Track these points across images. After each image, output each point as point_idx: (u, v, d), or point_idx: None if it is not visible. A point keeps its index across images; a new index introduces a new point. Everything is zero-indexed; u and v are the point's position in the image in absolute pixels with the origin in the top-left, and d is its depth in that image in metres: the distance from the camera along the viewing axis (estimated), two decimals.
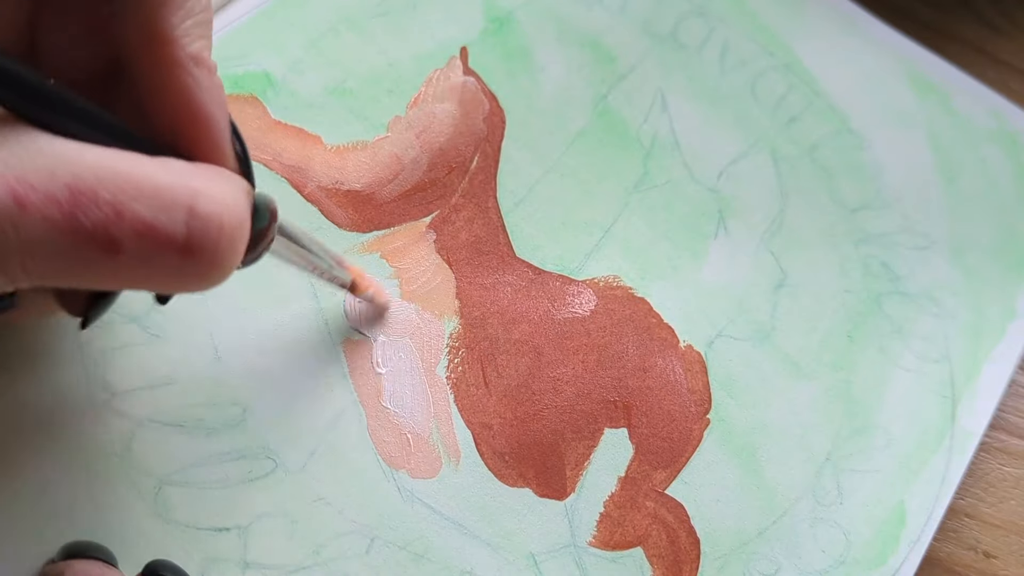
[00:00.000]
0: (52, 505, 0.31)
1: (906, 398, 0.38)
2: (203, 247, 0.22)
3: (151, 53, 0.24)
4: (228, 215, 0.22)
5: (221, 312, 0.34)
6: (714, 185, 0.40)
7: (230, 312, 0.34)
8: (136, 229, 0.21)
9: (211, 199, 0.22)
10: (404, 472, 0.34)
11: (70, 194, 0.20)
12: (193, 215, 0.21)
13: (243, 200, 0.24)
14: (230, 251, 0.23)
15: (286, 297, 0.35)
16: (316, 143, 0.37)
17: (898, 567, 0.35)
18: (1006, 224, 0.42)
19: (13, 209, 0.19)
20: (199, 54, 0.25)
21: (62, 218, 0.20)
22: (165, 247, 0.21)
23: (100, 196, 0.20)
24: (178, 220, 0.21)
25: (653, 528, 0.35)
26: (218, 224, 0.22)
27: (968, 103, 0.44)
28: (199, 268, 0.22)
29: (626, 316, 0.38)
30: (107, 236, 0.20)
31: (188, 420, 0.33)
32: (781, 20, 0.44)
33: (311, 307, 0.35)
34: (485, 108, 0.39)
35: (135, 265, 0.21)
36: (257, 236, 0.25)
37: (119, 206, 0.20)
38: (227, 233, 0.22)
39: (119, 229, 0.20)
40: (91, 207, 0.20)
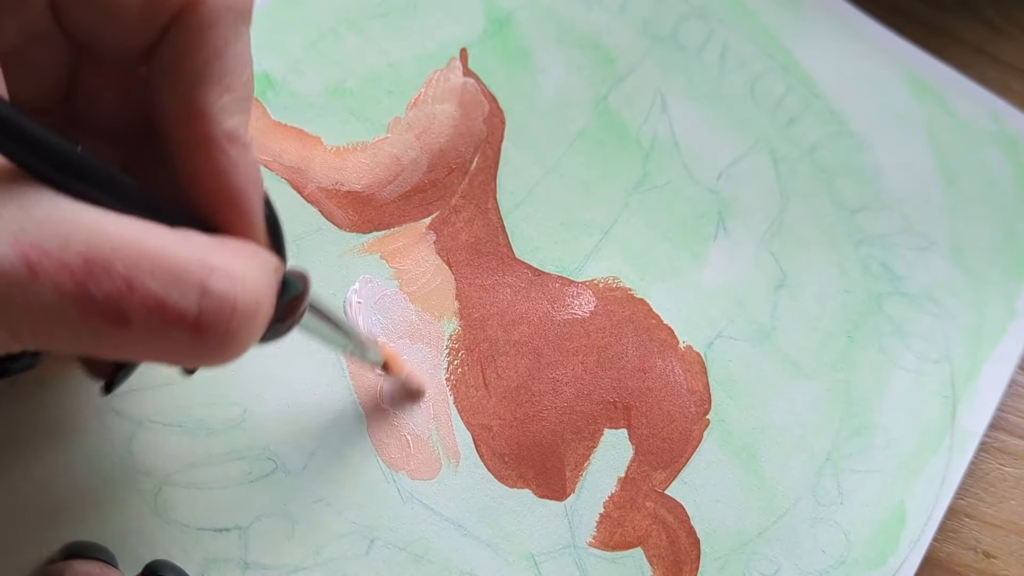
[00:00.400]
0: (52, 505, 0.31)
1: (906, 398, 0.38)
2: (214, 327, 0.21)
3: (186, 127, 0.24)
4: (244, 295, 0.22)
5: None
6: (714, 186, 0.40)
7: None
8: (146, 304, 0.20)
9: (227, 277, 0.21)
10: (404, 473, 0.34)
11: (83, 264, 0.19)
12: (205, 294, 0.21)
13: (264, 278, 0.23)
14: (242, 332, 0.22)
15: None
16: (316, 144, 0.37)
17: (898, 567, 0.35)
18: (1006, 225, 0.42)
19: (24, 275, 0.19)
20: (234, 131, 0.24)
21: (73, 288, 0.19)
22: (175, 324, 0.21)
23: (114, 268, 0.20)
24: (190, 298, 0.21)
25: (653, 528, 0.35)
26: (231, 305, 0.21)
27: (967, 105, 0.44)
28: (210, 347, 0.21)
29: (626, 317, 0.38)
30: (117, 309, 0.20)
31: (188, 420, 0.33)
32: (780, 22, 0.44)
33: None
34: (485, 109, 0.39)
35: (144, 339, 0.21)
36: (284, 311, 0.25)
37: (131, 280, 0.20)
38: (240, 314, 0.21)
39: (129, 303, 0.20)
40: (103, 279, 0.20)
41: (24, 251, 0.19)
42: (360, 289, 0.36)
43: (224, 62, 0.24)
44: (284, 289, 0.24)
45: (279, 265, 0.24)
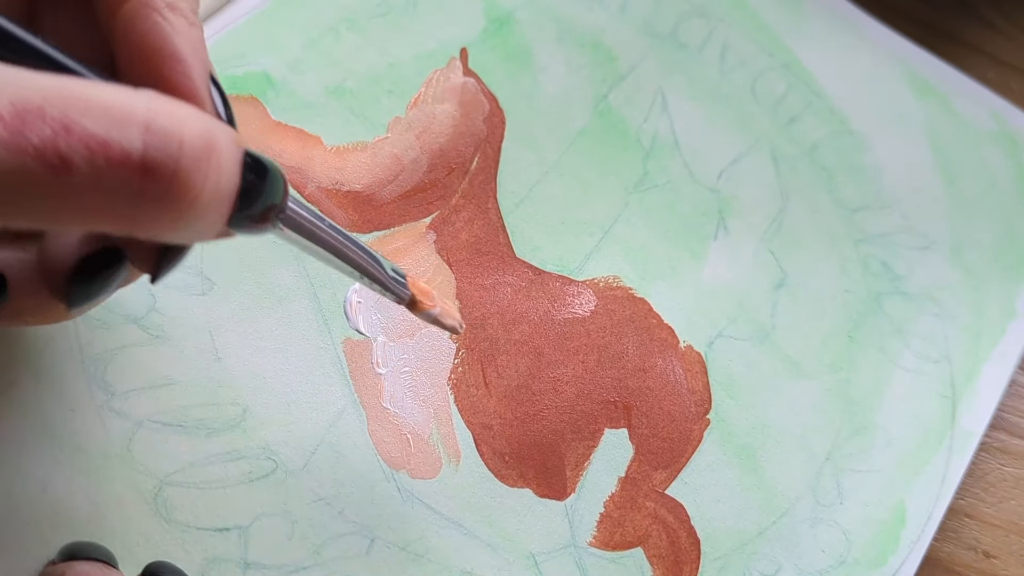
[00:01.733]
0: (52, 506, 0.31)
1: (906, 398, 0.38)
2: (162, 165, 0.20)
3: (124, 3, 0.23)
4: (190, 132, 0.20)
5: (221, 313, 0.34)
6: (714, 185, 0.40)
7: (230, 312, 0.34)
8: (87, 144, 0.19)
9: (171, 116, 0.20)
10: (404, 472, 0.34)
11: (14, 110, 0.19)
12: (149, 130, 0.20)
13: (215, 127, 0.21)
14: (195, 174, 0.20)
15: (286, 297, 0.35)
16: (316, 144, 0.37)
17: (898, 567, 0.36)
18: (1006, 224, 0.42)
19: None
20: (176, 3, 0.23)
21: (6, 135, 0.18)
22: (119, 165, 0.19)
23: (47, 112, 0.19)
24: (132, 135, 0.20)
25: (653, 528, 0.35)
26: (177, 140, 0.20)
27: (968, 104, 0.44)
28: (161, 192, 0.20)
29: (626, 316, 0.38)
30: (56, 153, 0.19)
31: (188, 420, 0.33)
32: (781, 21, 0.44)
33: (311, 307, 0.35)
34: (485, 109, 0.39)
35: (91, 188, 0.19)
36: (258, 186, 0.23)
37: (67, 121, 0.19)
38: (189, 151, 0.20)
39: (68, 145, 0.19)
40: (37, 123, 0.19)
41: None
42: (361, 289, 0.36)
43: None
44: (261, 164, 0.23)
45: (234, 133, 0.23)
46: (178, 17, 0.23)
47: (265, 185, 0.23)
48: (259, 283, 0.35)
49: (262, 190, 0.23)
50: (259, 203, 0.23)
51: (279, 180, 0.24)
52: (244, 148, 0.23)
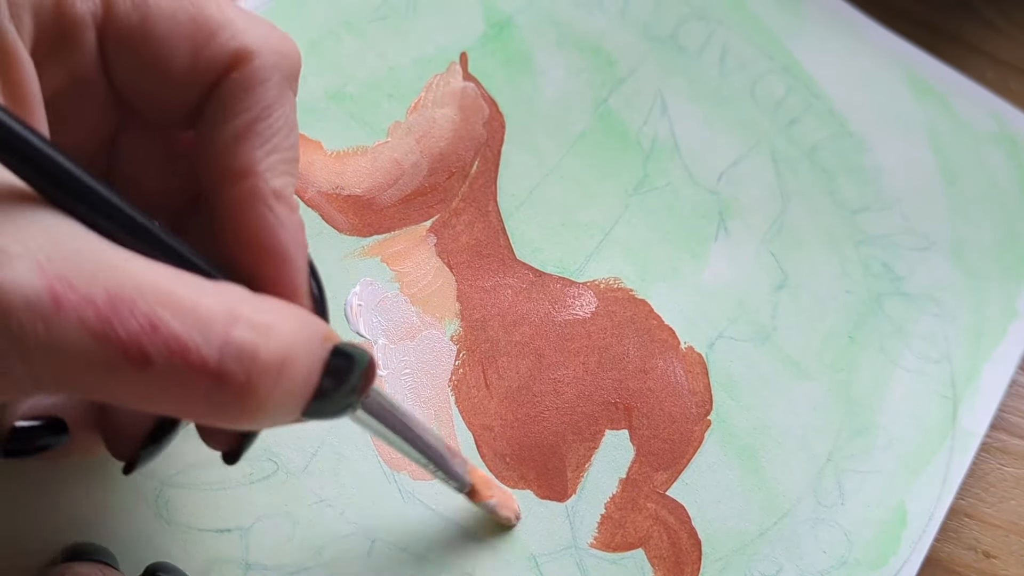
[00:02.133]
0: (53, 507, 0.31)
1: (907, 398, 0.38)
2: (233, 377, 0.20)
3: (232, 184, 0.24)
4: (268, 347, 0.21)
5: None
6: (714, 187, 0.41)
7: None
8: (168, 346, 0.19)
9: (252, 327, 0.20)
10: (405, 474, 0.34)
11: (108, 300, 0.19)
12: (227, 341, 0.20)
13: (299, 335, 0.22)
14: (266, 386, 0.21)
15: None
16: (316, 148, 0.38)
17: (899, 568, 0.35)
18: (1006, 225, 0.42)
19: (48, 306, 0.19)
20: (282, 191, 0.24)
21: (97, 323, 0.19)
22: (195, 369, 0.20)
23: (138, 306, 0.19)
24: (213, 344, 0.20)
25: (654, 529, 0.35)
26: (252, 354, 0.20)
27: (968, 105, 0.44)
28: (230, 400, 0.20)
29: (627, 318, 0.38)
30: (139, 348, 0.19)
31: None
32: (781, 23, 0.44)
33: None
34: (485, 113, 0.40)
35: (163, 385, 0.20)
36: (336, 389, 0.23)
37: (155, 319, 0.19)
38: (262, 365, 0.20)
39: (152, 343, 0.19)
40: (127, 316, 0.19)
41: (49, 281, 0.19)
42: (361, 292, 0.36)
43: (272, 121, 0.24)
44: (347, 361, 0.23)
45: (328, 331, 0.23)
46: (283, 207, 0.24)
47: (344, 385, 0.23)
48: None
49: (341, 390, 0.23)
50: (335, 402, 0.23)
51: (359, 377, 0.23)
52: (332, 346, 0.23)
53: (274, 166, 0.24)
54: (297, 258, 0.24)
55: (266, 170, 0.24)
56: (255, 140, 0.24)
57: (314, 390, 0.22)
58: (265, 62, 0.24)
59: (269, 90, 0.24)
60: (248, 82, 0.24)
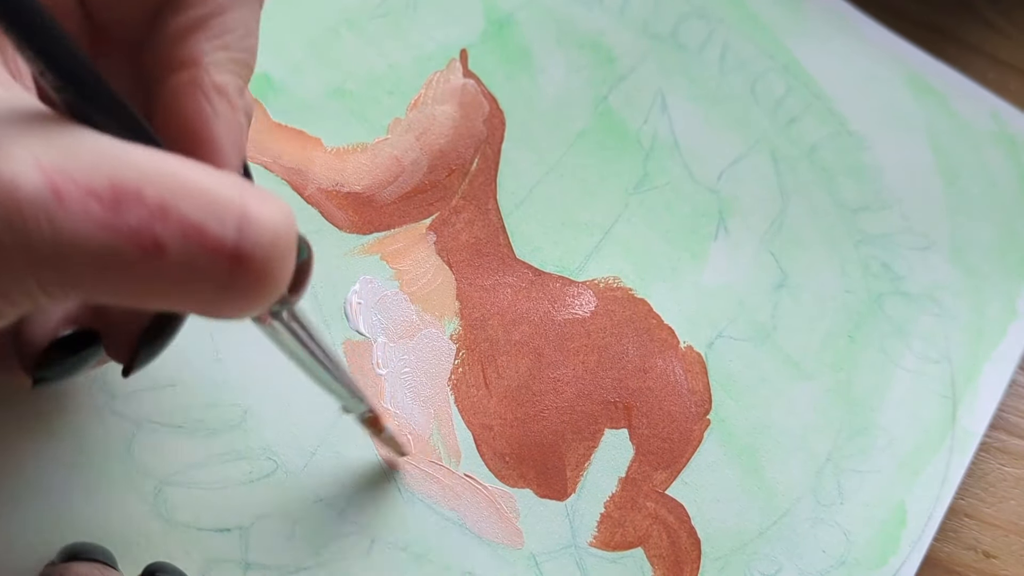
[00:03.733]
0: (52, 507, 0.31)
1: (907, 398, 0.38)
2: (254, 258, 0.20)
3: (173, 75, 0.23)
4: (284, 230, 0.20)
5: None
6: (714, 186, 0.40)
7: None
8: (183, 230, 0.19)
9: (267, 209, 0.20)
10: (405, 473, 0.34)
11: (112, 188, 0.18)
12: (246, 220, 0.19)
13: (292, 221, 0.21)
14: (281, 268, 0.20)
15: None
16: (316, 145, 0.37)
17: (899, 567, 0.36)
18: (1006, 224, 0.42)
19: (50, 200, 0.18)
20: (223, 85, 0.23)
21: (102, 213, 0.18)
22: (213, 252, 0.19)
23: (145, 193, 0.19)
24: (229, 225, 0.19)
25: (654, 529, 0.35)
26: (272, 235, 0.20)
27: (967, 105, 0.44)
28: (246, 282, 0.20)
29: (626, 317, 0.38)
30: (151, 236, 0.18)
31: (188, 421, 0.33)
32: (781, 22, 0.44)
33: (311, 307, 0.35)
34: (485, 110, 0.39)
35: (179, 273, 0.19)
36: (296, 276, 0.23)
37: (165, 204, 0.19)
38: (281, 248, 0.20)
39: (164, 229, 0.19)
40: (135, 204, 0.18)
41: (49, 176, 0.18)
42: (360, 290, 0.36)
43: (224, 20, 0.23)
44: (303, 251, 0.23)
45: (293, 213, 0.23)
46: (222, 101, 0.23)
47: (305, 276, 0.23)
48: None
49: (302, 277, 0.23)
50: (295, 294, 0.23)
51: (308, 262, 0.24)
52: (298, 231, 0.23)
53: (220, 62, 0.23)
54: (230, 154, 0.23)
55: (211, 63, 0.23)
56: (204, 34, 0.23)
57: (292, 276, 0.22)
58: None
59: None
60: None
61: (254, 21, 0.25)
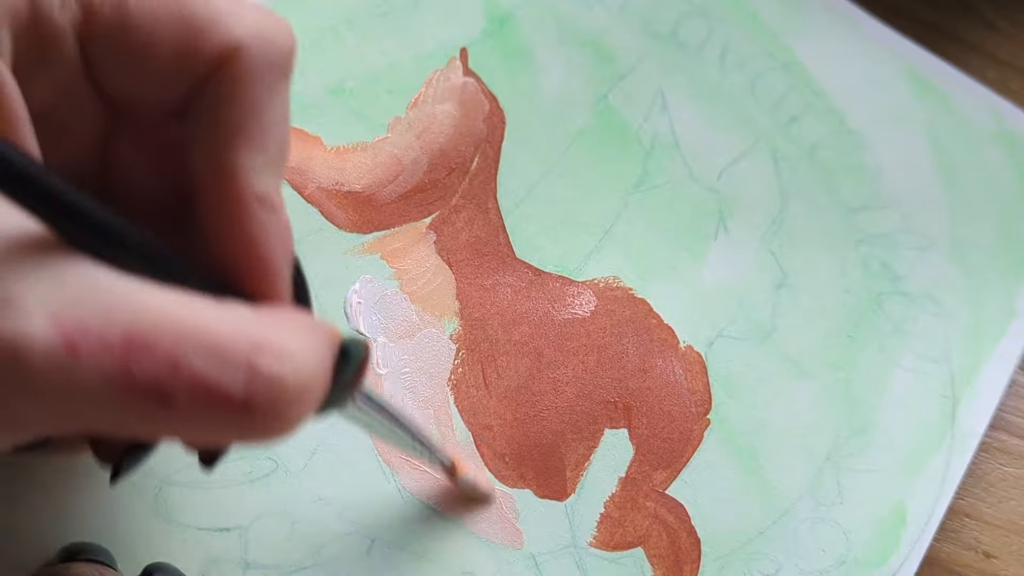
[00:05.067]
0: (51, 506, 0.31)
1: (906, 398, 0.38)
2: (262, 408, 0.20)
3: (216, 187, 0.23)
4: (294, 375, 0.20)
5: None
6: (714, 185, 0.40)
7: None
8: (192, 385, 0.19)
9: (275, 356, 0.20)
10: (404, 473, 0.34)
11: (125, 342, 0.18)
12: (253, 373, 0.19)
13: (316, 353, 0.21)
14: (293, 411, 0.20)
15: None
16: (316, 144, 0.37)
17: (898, 567, 0.36)
18: (1006, 224, 0.42)
19: (63, 356, 0.18)
20: (266, 194, 0.23)
21: (115, 368, 0.18)
22: (221, 405, 0.19)
23: (158, 347, 0.19)
24: (237, 377, 0.19)
25: (654, 528, 0.35)
26: (280, 385, 0.20)
27: (968, 103, 0.44)
28: (257, 428, 0.20)
29: (626, 317, 0.38)
30: (161, 390, 0.19)
31: None
32: (781, 21, 0.44)
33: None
34: (485, 109, 0.39)
35: (188, 421, 0.19)
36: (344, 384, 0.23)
37: (176, 359, 0.19)
38: (291, 394, 0.20)
39: (173, 384, 0.19)
40: (146, 358, 0.18)
41: (64, 330, 0.18)
42: (360, 289, 0.36)
43: (260, 121, 0.23)
44: (345, 357, 0.22)
45: (335, 333, 0.23)
46: (266, 212, 0.23)
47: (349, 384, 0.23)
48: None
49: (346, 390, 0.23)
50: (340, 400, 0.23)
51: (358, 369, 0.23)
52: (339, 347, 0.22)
53: (259, 168, 0.23)
54: (279, 263, 0.23)
55: (250, 173, 0.23)
56: (241, 140, 0.23)
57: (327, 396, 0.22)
58: (255, 57, 0.23)
59: (258, 87, 0.23)
60: (236, 78, 0.23)
61: (286, 110, 0.24)
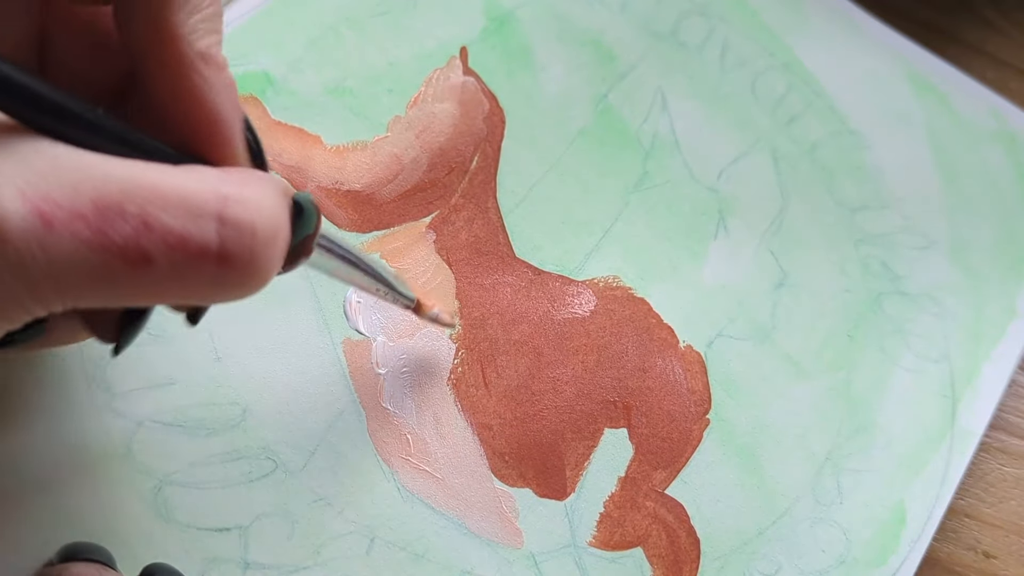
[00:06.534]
0: (52, 506, 0.31)
1: (906, 398, 0.38)
2: (238, 254, 0.21)
3: (157, 53, 0.23)
4: (261, 219, 0.21)
5: (221, 313, 0.34)
6: (714, 185, 0.40)
7: (230, 313, 0.34)
8: (167, 241, 0.20)
9: (242, 204, 0.21)
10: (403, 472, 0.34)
11: (96, 209, 0.19)
12: (224, 222, 0.21)
13: (278, 201, 0.23)
14: (267, 256, 0.22)
15: (286, 297, 0.35)
16: (316, 143, 0.37)
17: (898, 567, 0.36)
18: (1006, 224, 0.42)
19: (39, 229, 0.19)
20: (207, 51, 0.24)
21: (90, 234, 0.19)
22: (198, 257, 0.20)
23: (127, 209, 0.19)
24: (209, 228, 0.20)
25: (653, 528, 0.35)
26: (251, 229, 0.21)
27: (968, 103, 0.44)
28: (236, 276, 0.21)
29: (626, 316, 0.38)
30: (137, 250, 0.20)
31: (188, 420, 0.33)
32: (781, 20, 0.44)
33: (311, 307, 0.35)
34: (485, 108, 0.39)
35: (169, 278, 0.20)
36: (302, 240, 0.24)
37: (147, 218, 0.20)
38: (262, 238, 0.21)
39: (149, 241, 0.20)
40: (118, 221, 0.19)
41: (35, 205, 0.19)
42: None
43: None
44: (298, 212, 0.24)
45: (287, 186, 0.24)
46: (210, 68, 0.24)
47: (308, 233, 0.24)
48: None
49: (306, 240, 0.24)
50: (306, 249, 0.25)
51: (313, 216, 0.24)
52: (292, 200, 0.24)
53: (197, 26, 0.23)
54: (230, 118, 0.24)
55: (189, 32, 0.23)
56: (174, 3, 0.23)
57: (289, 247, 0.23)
58: None
59: None
60: None
61: None
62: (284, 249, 0.23)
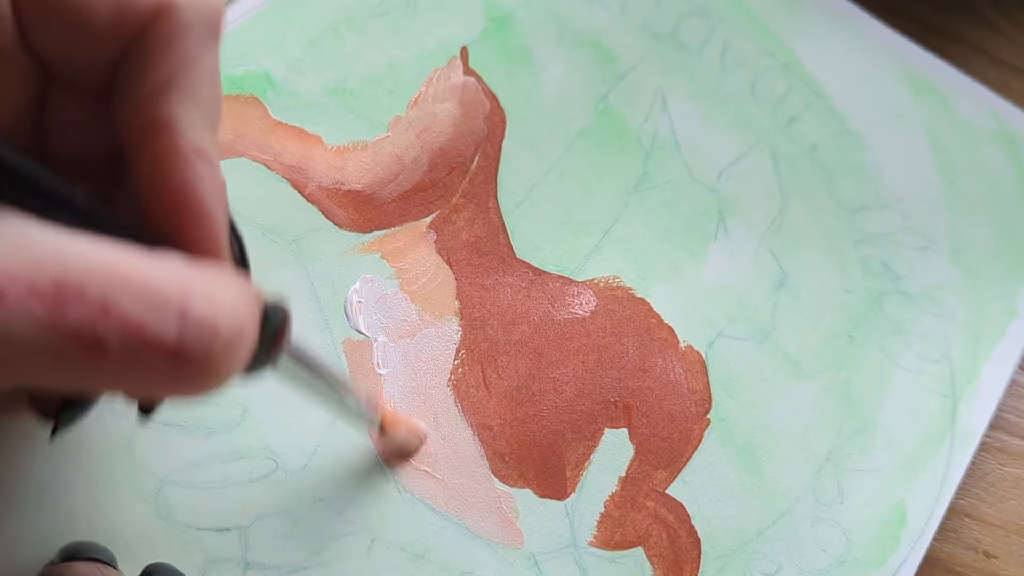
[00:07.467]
0: (52, 506, 0.31)
1: (906, 398, 0.38)
2: (195, 352, 0.20)
3: (152, 140, 0.23)
4: (225, 320, 0.20)
5: None
6: (714, 185, 0.40)
7: None
8: (124, 329, 0.19)
9: (208, 301, 0.20)
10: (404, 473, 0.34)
11: (55, 288, 0.18)
12: (185, 317, 0.19)
13: (246, 304, 0.22)
14: (226, 359, 0.20)
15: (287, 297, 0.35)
16: (316, 143, 0.37)
17: (898, 567, 0.35)
18: (1006, 224, 0.42)
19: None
20: (203, 147, 0.23)
21: (44, 314, 0.18)
22: (153, 350, 0.19)
23: (87, 291, 0.18)
24: (169, 321, 0.19)
25: (654, 528, 0.35)
26: (212, 329, 0.20)
27: (968, 104, 0.44)
28: (190, 375, 0.20)
29: (626, 317, 0.38)
30: (92, 334, 0.18)
31: (188, 420, 0.33)
32: (781, 20, 0.44)
33: (311, 307, 0.35)
34: (485, 108, 0.39)
35: (121, 367, 0.19)
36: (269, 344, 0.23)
37: (106, 303, 0.19)
38: (223, 340, 0.20)
39: (105, 327, 0.19)
40: (76, 303, 0.18)
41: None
42: (360, 289, 0.36)
43: (193, 74, 0.23)
44: (266, 320, 0.23)
45: (259, 293, 0.23)
46: (203, 163, 0.23)
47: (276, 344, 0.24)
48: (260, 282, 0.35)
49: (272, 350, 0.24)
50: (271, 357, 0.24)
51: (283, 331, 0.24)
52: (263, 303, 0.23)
53: (195, 121, 0.23)
54: (218, 216, 0.23)
55: (187, 125, 0.23)
56: (175, 93, 0.23)
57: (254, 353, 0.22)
58: (186, 12, 0.23)
59: (191, 41, 0.23)
60: (169, 34, 0.23)
61: (217, 68, 0.24)
62: (246, 355, 0.22)
